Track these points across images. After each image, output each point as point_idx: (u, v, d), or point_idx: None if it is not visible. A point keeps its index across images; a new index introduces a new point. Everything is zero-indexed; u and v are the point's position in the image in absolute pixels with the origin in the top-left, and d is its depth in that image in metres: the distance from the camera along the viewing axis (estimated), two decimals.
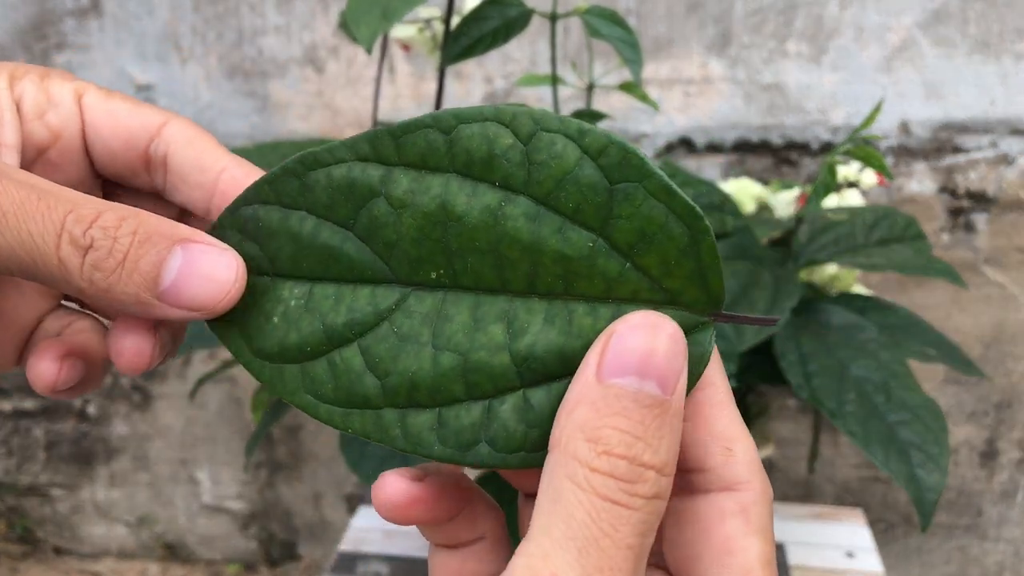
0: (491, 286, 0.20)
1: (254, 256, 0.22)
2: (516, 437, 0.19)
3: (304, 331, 0.21)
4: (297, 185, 0.22)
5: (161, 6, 0.90)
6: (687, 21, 0.80)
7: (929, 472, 0.45)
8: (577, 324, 0.19)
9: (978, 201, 0.80)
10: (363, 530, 0.76)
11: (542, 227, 0.19)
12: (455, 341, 0.20)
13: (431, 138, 0.20)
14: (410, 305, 0.21)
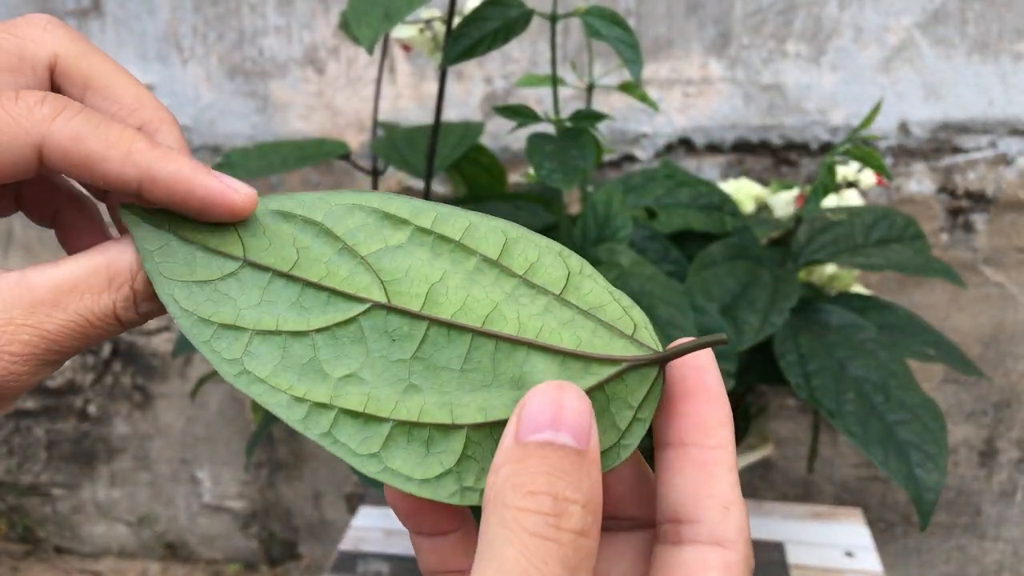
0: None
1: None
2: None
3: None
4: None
5: (162, 7, 0.90)
6: (687, 22, 0.80)
7: (928, 472, 0.45)
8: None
9: (977, 201, 0.80)
10: (363, 529, 0.76)
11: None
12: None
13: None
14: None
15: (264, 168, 0.58)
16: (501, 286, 0.23)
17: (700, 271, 0.52)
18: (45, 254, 1.04)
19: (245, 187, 0.22)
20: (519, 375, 0.22)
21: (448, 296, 0.23)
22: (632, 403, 0.22)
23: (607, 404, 0.22)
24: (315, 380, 0.22)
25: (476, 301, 0.22)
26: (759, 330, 0.49)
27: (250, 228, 0.23)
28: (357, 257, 0.23)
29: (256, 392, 0.22)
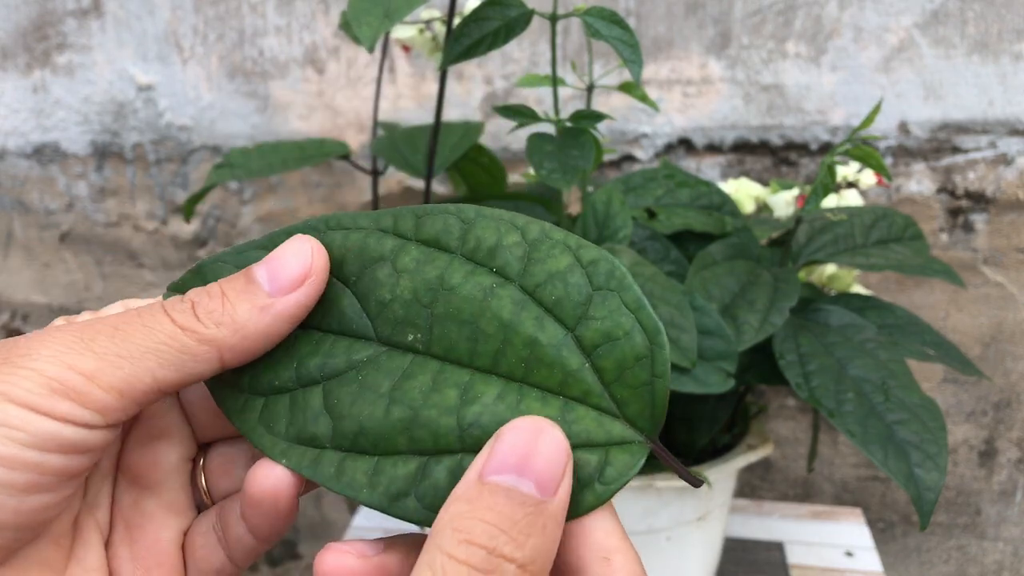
0: (459, 358, 0.22)
1: None
2: (442, 497, 0.20)
3: (280, 368, 0.23)
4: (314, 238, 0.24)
5: (162, 6, 0.91)
6: (686, 22, 0.80)
7: (928, 471, 0.45)
8: (526, 405, 0.21)
9: (977, 201, 0.80)
10: (364, 529, 0.76)
11: (523, 312, 0.21)
12: (410, 397, 0.21)
13: (449, 223, 0.22)
14: (381, 361, 0.22)
15: (264, 168, 0.58)
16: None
17: (700, 271, 0.52)
18: (45, 254, 1.04)
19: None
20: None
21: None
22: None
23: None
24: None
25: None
26: (759, 330, 0.49)
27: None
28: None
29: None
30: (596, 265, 0.21)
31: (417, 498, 0.21)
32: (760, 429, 0.59)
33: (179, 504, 0.25)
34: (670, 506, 0.53)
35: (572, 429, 0.20)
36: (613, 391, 0.21)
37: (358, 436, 0.21)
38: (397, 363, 0.22)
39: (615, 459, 0.20)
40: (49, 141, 0.98)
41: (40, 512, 0.20)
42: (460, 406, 0.21)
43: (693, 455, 0.57)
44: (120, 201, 1.00)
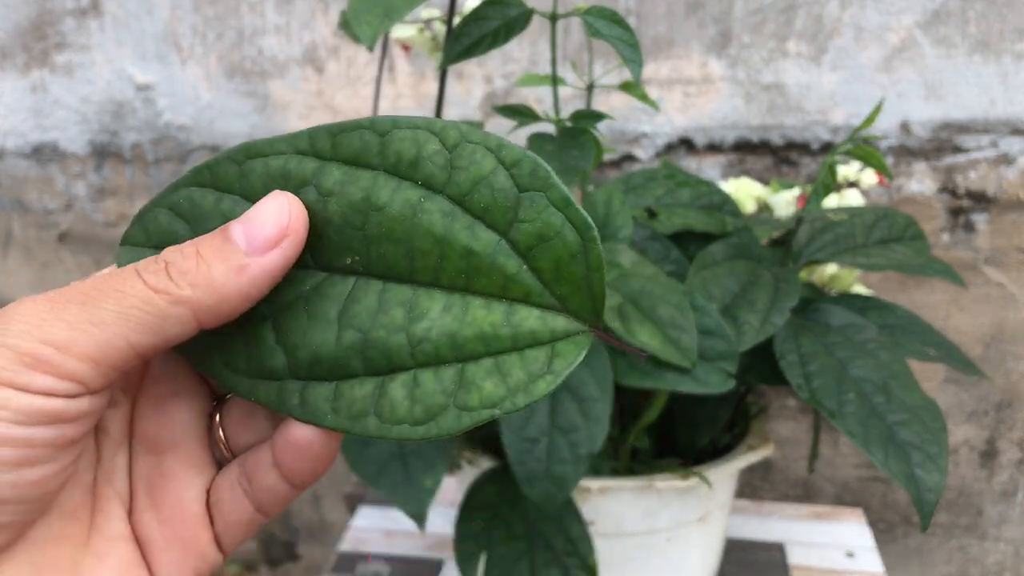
0: (400, 275, 0.22)
1: (183, 235, 0.23)
2: (400, 411, 0.21)
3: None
4: (235, 171, 0.23)
5: (161, 6, 0.90)
6: (687, 21, 0.80)
7: (929, 472, 0.45)
8: (472, 315, 0.21)
9: (978, 201, 0.80)
10: (363, 530, 0.76)
11: (455, 223, 0.21)
12: (359, 320, 0.22)
13: (366, 138, 0.22)
14: (324, 288, 0.22)
15: None
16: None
17: (700, 271, 0.52)
18: (44, 254, 1.04)
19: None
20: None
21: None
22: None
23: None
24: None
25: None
26: (759, 330, 0.49)
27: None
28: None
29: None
30: (519, 165, 0.21)
31: (376, 415, 0.21)
32: (761, 429, 0.59)
33: (199, 461, 0.24)
34: (670, 507, 0.53)
35: (518, 331, 0.21)
36: (553, 289, 0.21)
37: (313, 365, 0.22)
38: (340, 288, 0.22)
39: (562, 351, 0.21)
40: (48, 141, 0.98)
41: (39, 485, 0.20)
42: (408, 324, 0.21)
43: (693, 455, 0.57)
44: (119, 201, 1.00)
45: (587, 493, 0.52)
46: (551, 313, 0.21)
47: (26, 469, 0.19)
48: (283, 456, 0.23)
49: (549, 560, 0.49)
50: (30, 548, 0.21)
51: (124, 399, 0.24)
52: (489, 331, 0.21)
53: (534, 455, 0.44)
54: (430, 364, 0.21)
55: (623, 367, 0.46)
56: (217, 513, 0.24)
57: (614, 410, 0.52)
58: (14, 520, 0.20)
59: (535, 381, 0.20)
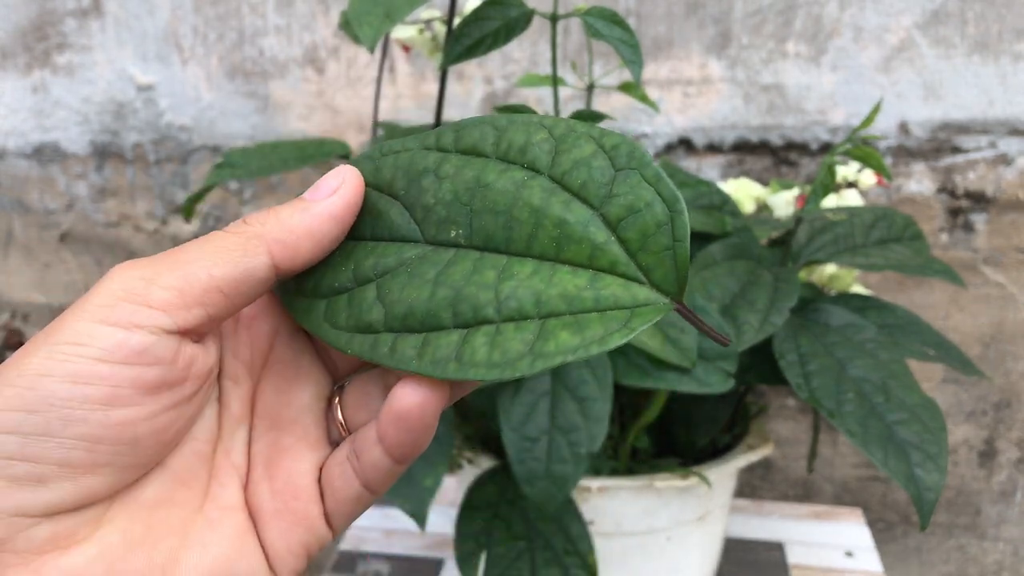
0: (497, 246, 0.24)
1: None
2: (479, 356, 0.22)
3: (339, 273, 0.25)
4: (371, 167, 0.26)
5: (162, 6, 0.91)
6: (686, 22, 0.80)
7: (928, 471, 0.45)
8: (558, 278, 0.22)
9: (977, 201, 0.80)
10: (363, 529, 0.76)
11: (552, 197, 0.23)
12: (453, 280, 0.23)
13: (485, 131, 0.25)
14: (428, 256, 0.24)
15: (264, 168, 0.58)
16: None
17: (700, 271, 0.52)
18: (45, 254, 1.04)
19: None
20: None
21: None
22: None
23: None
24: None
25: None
26: (759, 330, 0.49)
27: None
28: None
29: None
30: (618, 149, 0.23)
31: (457, 360, 0.22)
32: (760, 429, 0.59)
33: (315, 439, 0.26)
34: (670, 506, 0.53)
35: (601, 295, 0.22)
36: (639, 259, 0.22)
37: (407, 317, 0.23)
38: (442, 256, 0.24)
39: (641, 312, 0.22)
40: (49, 141, 0.98)
41: (128, 427, 0.20)
42: (498, 283, 0.23)
43: (693, 455, 0.57)
44: (120, 201, 1.00)
45: (587, 492, 0.52)
46: (635, 283, 0.22)
47: (115, 409, 0.20)
48: (386, 430, 0.24)
49: (549, 559, 0.49)
50: (143, 507, 0.22)
51: (247, 378, 0.26)
52: (573, 292, 0.22)
53: (534, 454, 0.44)
54: (514, 318, 0.22)
55: (623, 367, 0.46)
56: (328, 489, 0.25)
57: (614, 410, 0.52)
58: (112, 462, 0.20)
59: (611, 335, 0.21)
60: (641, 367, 0.46)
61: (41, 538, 0.19)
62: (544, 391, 0.45)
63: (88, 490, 0.20)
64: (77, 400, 0.19)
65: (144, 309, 0.21)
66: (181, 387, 0.22)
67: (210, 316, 0.22)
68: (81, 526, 0.20)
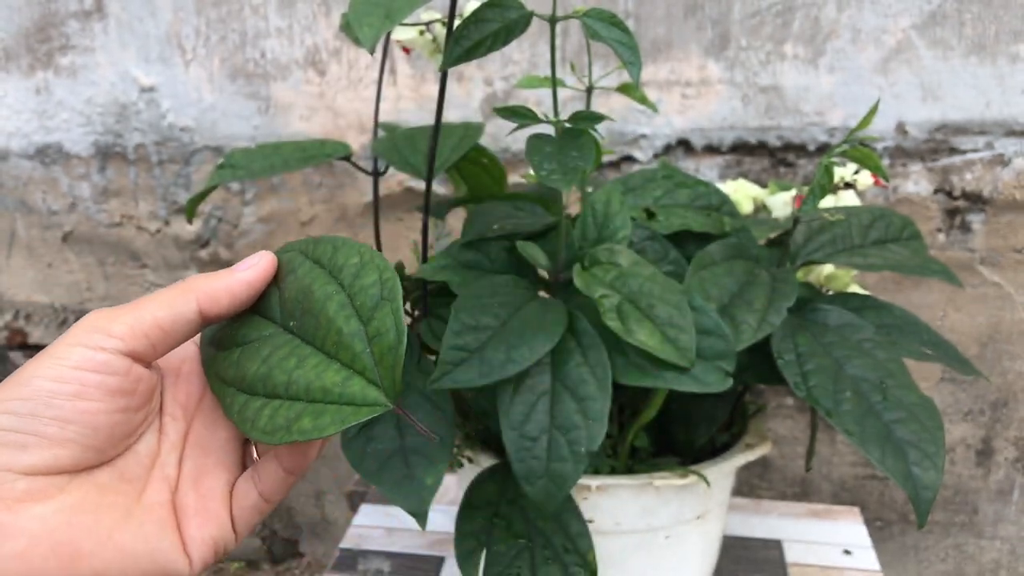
0: (310, 340, 0.31)
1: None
2: (262, 423, 0.30)
3: (231, 335, 0.34)
4: (283, 257, 0.35)
5: (164, 8, 0.91)
6: (685, 23, 0.81)
7: (925, 470, 0.45)
8: (328, 373, 0.30)
9: (974, 202, 0.81)
10: (365, 527, 0.76)
11: (343, 311, 0.31)
12: (273, 360, 0.31)
13: (327, 248, 0.33)
14: (273, 337, 0.32)
15: (266, 169, 0.58)
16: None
17: (698, 271, 0.52)
18: (48, 255, 1.04)
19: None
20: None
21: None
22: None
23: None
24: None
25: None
26: (757, 330, 0.50)
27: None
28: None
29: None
30: (387, 282, 0.30)
31: (252, 421, 0.30)
32: (758, 428, 0.59)
33: (231, 463, 0.34)
34: (669, 505, 0.54)
35: (346, 391, 0.29)
36: (379, 369, 0.29)
37: (240, 382, 0.31)
38: (279, 339, 0.32)
39: (362, 412, 0.29)
40: (52, 142, 0.99)
41: (92, 415, 0.28)
42: (293, 369, 0.30)
43: (692, 454, 0.57)
44: (122, 202, 1.00)
45: (586, 491, 0.52)
46: (373, 387, 0.29)
47: (81, 401, 0.28)
48: (279, 448, 0.33)
49: (549, 557, 0.50)
50: (96, 487, 0.29)
51: (183, 417, 0.34)
52: (330, 385, 0.30)
53: (534, 453, 0.45)
54: (293, 398, 0.30)
55: (622, 366, 0.46)
56: (235, 498, 0.33)
57: (613, 409, 0.52)
58: (76, 440, 0.28)
59: (329, 426, 0.29)
60: (640, 366, 0.46)
61: (20, 490, 0.27)
62: (544, 390, 0.46)
63: (57, 460, 0.28)
64: (56, 393, 0.28)
65: (107, 337, 0.29)
66: (131, 396, 0.30)
67: (154, 345, 0.30)
68: (50, 487, 0.28)
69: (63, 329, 1.06)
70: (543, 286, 0.53)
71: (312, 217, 0.96)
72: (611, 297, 0.47)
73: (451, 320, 0.45)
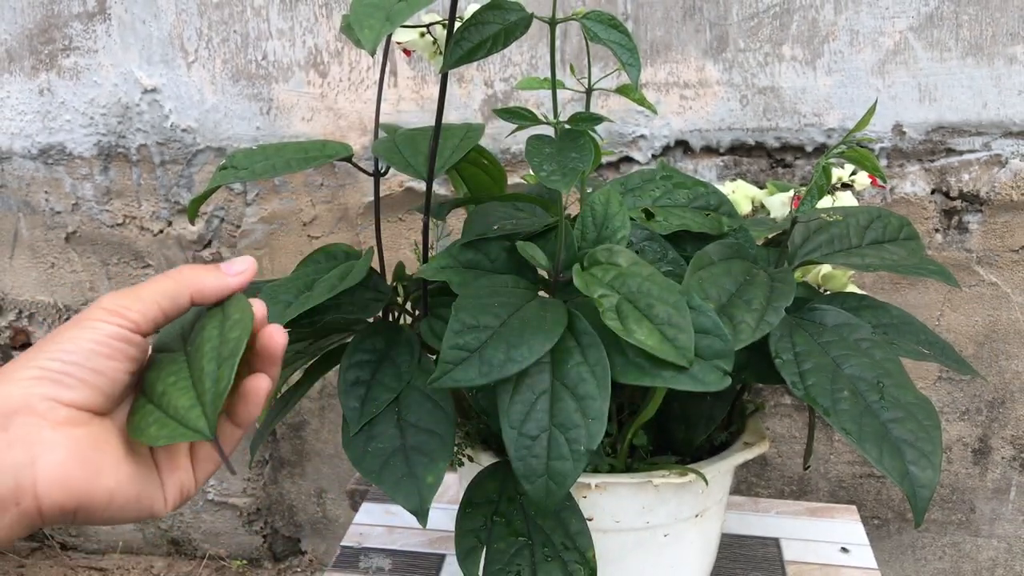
0: (190, 364, 0.38)
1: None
2: (140, 424, 0.36)
3: (166, 338, 0.41)
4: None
5: (167, 10, 0.91)
6: (684, 25, 0.81)
7: (923, 469, 0.45)
8: (184, 397, 0.36)
9: (971, 202, 0.81)
10: (366, 525, 0.77)
11: (210, 352, 0.37)
12: (163, 372, 0.38)
13: (231, 299, 0.40)
14: (176, 354, 0.39)
15: (268, 170, 0.58)
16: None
17: (697, 271, 0.53)
18: (51, 255, 1.05)
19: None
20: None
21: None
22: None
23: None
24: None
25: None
26: (755, 329, 0.50)
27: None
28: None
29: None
30: (238, 341, 0.37)
31: (137, 423, 0.36)
32: (756, 427, 0.59)
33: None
34: (668, 503, 0.54)
35: (187, 415, 0.35)
36: (204, 407, 0.35)
37: (144, 382, 0.38)
38: (178, 358, 0.38)
39: (184, 433, 0.34)
40: (55, 143, 0.99)
41: (111, 371, 0.36)
42: (169, 385, 0.37)
43: (690, 452, 0.57)
44: (125, 202, 1.01)
45: (586, 489, 0.52)
46: (204, 418, 0.35)
47: (110, 360, 0.36)
48: (228, 407, 0.40)
49: (548, 555, 0.50)
50: (106, 431, 0.36)
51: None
52: (179, 407, 0.35)
53: (533, 452, 0.45)
54: (157, 406, 0.36)
55: (621, 365, 0.46)
56: (193, 452, 0.40)
57: (612, 408, 0.53)
58: (102, 388, 0.36)
59: (163, 438, 0.35)
60: (639, 365, 0.46)
61: (62, 416, 0.35)
62: (543, 389, 0.46)
63: (87, 400, 0.36)
64: (95, 352, 0.36)
65: (125, 319, 0.37)
66: (136, 362, 0.38)
67: (155, 325, 0.39)
68: (80, 419, 0.35)
69: None
70: (543, 286, 0.53)
71: (314, 217, 0.96)
72: (610, 297, 0.47)
73: (451, 320, 0.45)
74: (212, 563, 1.16)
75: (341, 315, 0.54)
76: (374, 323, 0.57)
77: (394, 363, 0.52)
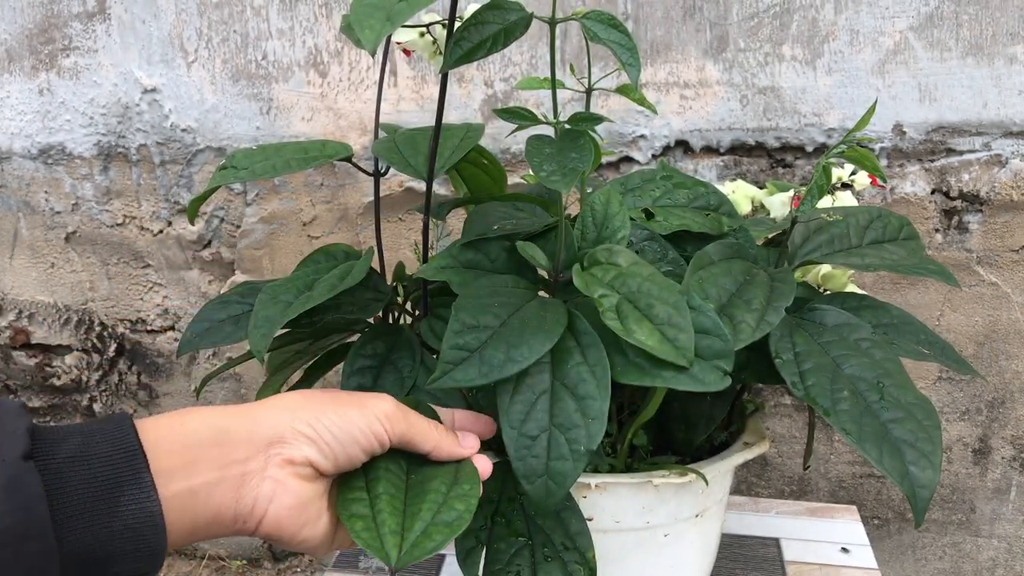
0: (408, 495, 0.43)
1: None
2: (356, 526, 0.41)
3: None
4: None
5: (167, 10, 0.91)
6: (684, 25, 0.81)
7: (923, 469, 0.45)
8: (389, 520, 0.41)
9: (971, 202, 0.81)
10: None
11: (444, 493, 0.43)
12: (389, 483, 0.44)
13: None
14: (398, 464, 0.45)
15: (268, 170, 0.58)
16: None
17: (697, 271, 0.53)
18: (51, 255, 1.05)
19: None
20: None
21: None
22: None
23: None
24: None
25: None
26: (755, 329, 0.50)
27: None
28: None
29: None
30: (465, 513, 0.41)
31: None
32: (757, 427, 0.59)
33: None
34: (668, 503, 0.54)
35: (384, 543, 0.38)
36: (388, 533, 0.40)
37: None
38: (398, 463, 0.45)
39: (380, 559, 0.39)
40: (55, 143, 0.99)
41: (354, 455, 0.43)
42: (386, 500, 0.42)
43: (690, 452, 0.57)
44: (125, 202, 1.01)
45: (586, 489, 0.52)
46: (396, 551, 0.39)
47: (358, 449, 0.42)
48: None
49: (548, 555, 0.50)
50: (321, 493, 0.42)
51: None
52: (387, 525, 0.40)
53: (533, 452, 0.45)
54: (372, 507, 0.41)
55: (621, 365, 0.46)
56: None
57: (612, 408, 0.53)
58: (341, 466, 0.42)
59: (359, 540, 0.39)
60: (639, 365, 0.46)
61: (305, 472, 0.41)
62: (544, 389, 0.46)
63: (327, 468, 0.42)
64: (356, 438, 0.42)
65: (381, 428, 0.43)
66: (372, 457, 0.44)
67: (403, 446, 0.45)
68: (313, 476, 0.41)
69: (66, 329, 1.07)
70: (543, 286, 0.53)
71: (313, 217, 0.96)
72: (610, 297, 0.47)
73: (451, 320, 0.45)
74: (212, 563, 1.16)
75: (341, 315, 0.54)
76: (375, 326, 0.57)
77: (396, 368, 0.53)
